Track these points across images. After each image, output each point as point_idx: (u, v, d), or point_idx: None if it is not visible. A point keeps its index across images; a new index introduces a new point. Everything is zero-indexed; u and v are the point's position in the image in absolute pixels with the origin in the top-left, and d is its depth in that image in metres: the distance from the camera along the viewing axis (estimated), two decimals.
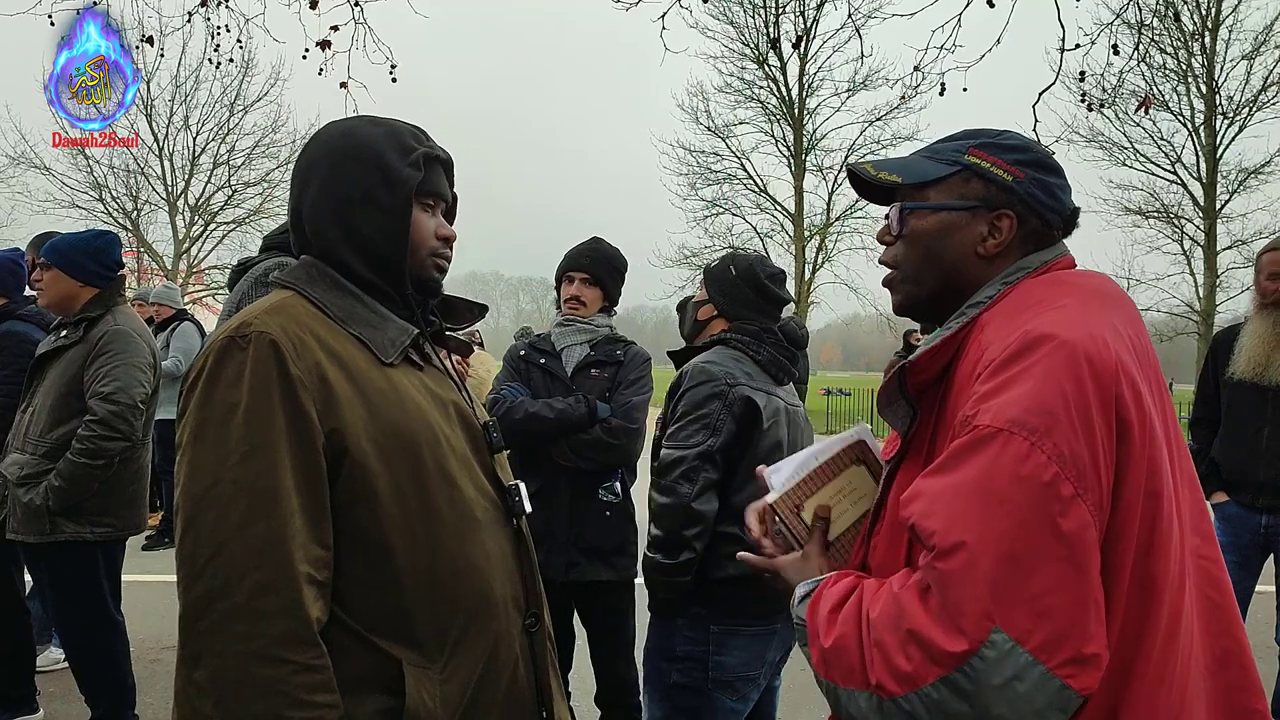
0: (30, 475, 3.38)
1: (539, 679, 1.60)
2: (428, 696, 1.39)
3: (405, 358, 1.53)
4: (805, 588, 1.35)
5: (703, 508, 2.45)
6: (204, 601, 1.28)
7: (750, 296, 2.76)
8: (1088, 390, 1.14)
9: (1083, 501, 1.10)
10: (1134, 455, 1.15)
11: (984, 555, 1.08)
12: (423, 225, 1.58)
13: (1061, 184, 1.41)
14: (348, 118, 1.62)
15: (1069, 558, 1.08)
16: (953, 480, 1.15)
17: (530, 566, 1.63)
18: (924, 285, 1.44)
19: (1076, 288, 1.31)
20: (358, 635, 1.38)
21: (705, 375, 2.53)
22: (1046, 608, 1.06)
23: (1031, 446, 1.10)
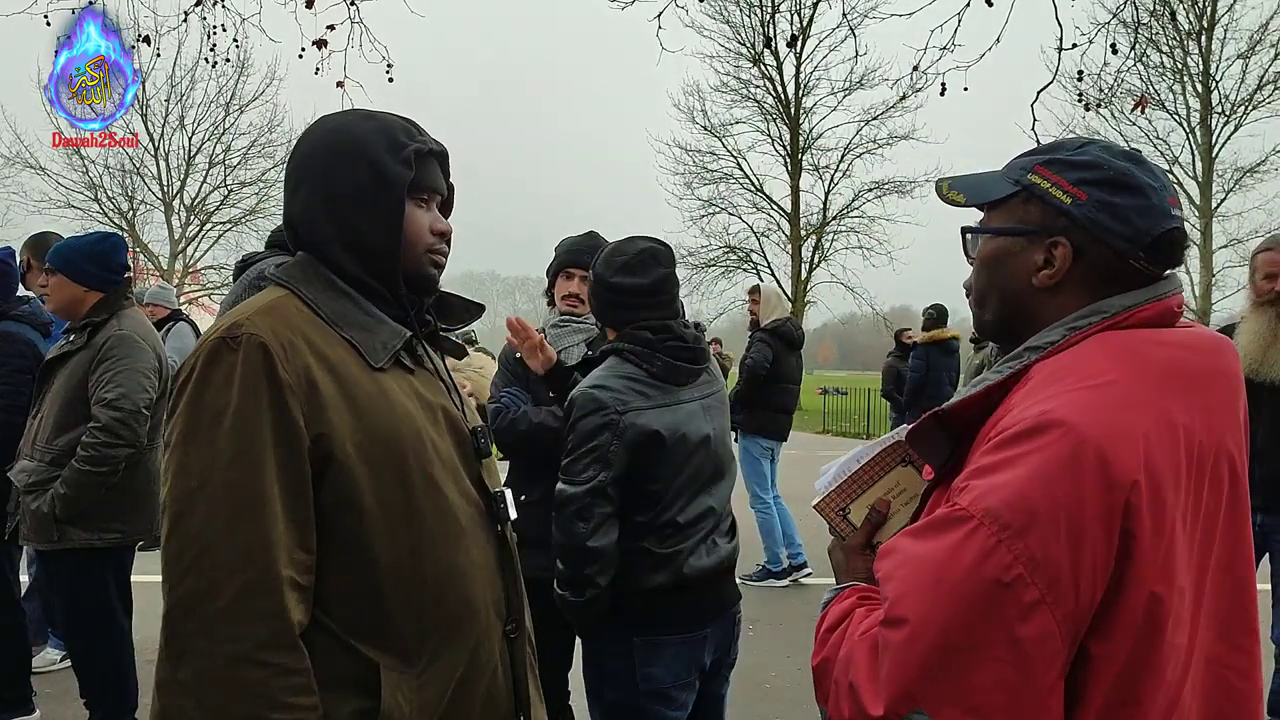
0: (38, 483, 3.36)
1: (518, 685, 1.61)
2: (404, 700, 1.40)
3: (396, 361, 1.53)
4: (827, 595, 1.34)
5: (599, 544, 2.36)
6: (188, 602, 1.29)
7: (611, 300, 2.56)
8: (1086, 494, 1.04)
9: (1049, 610, 1.03)
10: (1138, 570, 1.06)
11: (922, 638, 1.05)
12: (417, 221, 1.56)
13: (1139, 206, 1.21)
14: (340, 113, 1.61)
15: (1016, 663, 1.03)
16: (918, 552, 1.11)
17: (513, 573, 1.63)
18: (989, 313, 1.34)
19: (1140, 361, 1.16)
20: (338, 638, 1.39)
21: (594, 404, 2.38)
22: (979, 705, 1.03)
23: (999, 543, 1.04)
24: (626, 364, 2.48)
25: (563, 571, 2.40)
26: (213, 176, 27.35)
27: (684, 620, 2.47)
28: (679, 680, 2.47)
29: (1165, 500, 1.08)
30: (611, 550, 2.38)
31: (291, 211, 1.56)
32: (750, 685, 4.58)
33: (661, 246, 2.59)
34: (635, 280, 2.51)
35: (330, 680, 1.36)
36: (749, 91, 29.77)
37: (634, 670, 2.43)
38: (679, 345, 2.51)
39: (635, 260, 2.52)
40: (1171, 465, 1.10)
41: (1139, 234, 1.22)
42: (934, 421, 1.26)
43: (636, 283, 2.50)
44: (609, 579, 2.38)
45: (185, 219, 27.45)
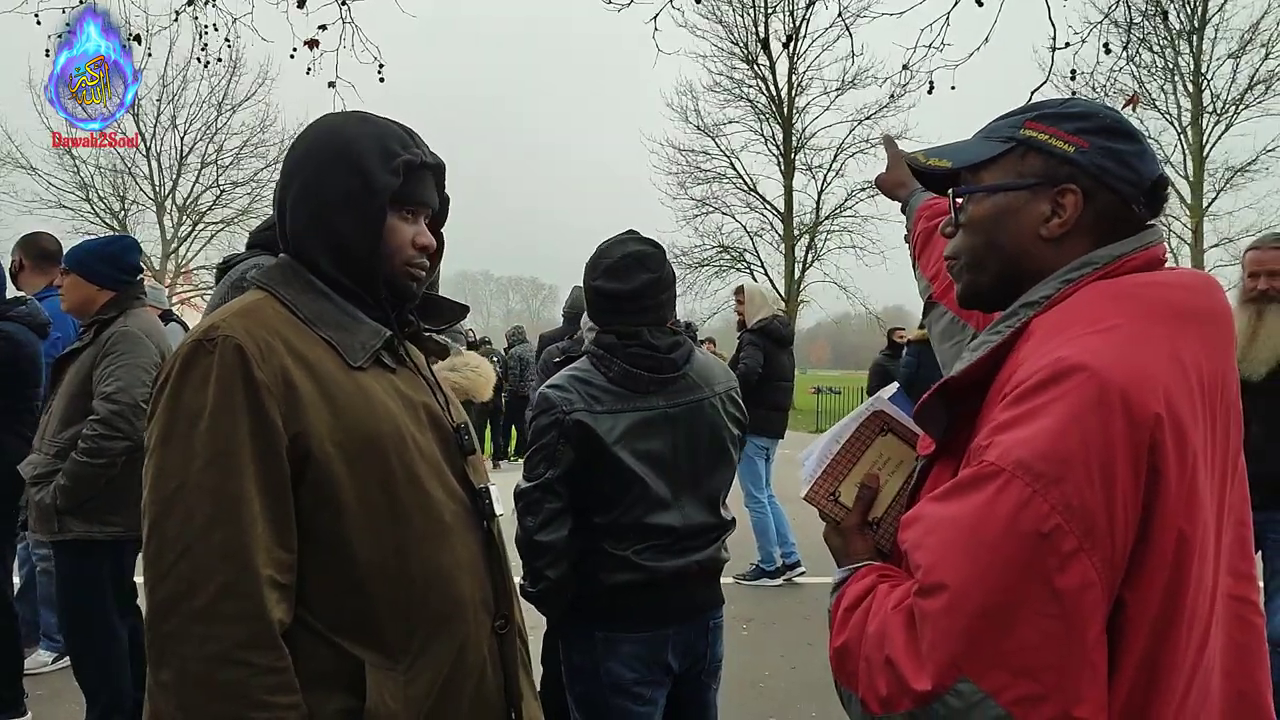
0: (42, 475, 3.46)
1: (509, 682, 1.61)
2: (389, 697, 1.41)
3: (376, 360, 1.53)
4: (838, 576, 1.32)
5: (548, 538, 2.41)
6: (169, 604, 1.30)
7: (594, 300, 2.58)
8: (1115, 437, 1.03)
9: (1088, 558, 1.01)
10: (1166, 510, 1.05)
11: (965, 602, 1.03)
12: (399, 233, 1.56)
13: (1137, 150, 1.23)
14: (339, 114, 1.61)
15: (1060, 615, 1.01)
16: (949, 514, 1.08)
17: (501, 569, 1.64)
18: (987, 273, 1.30)
19: (1141, 303, 1.16)
20: (321, 636, 1.39)
21: (545, 403, 2.46)
22: (1027, 664, 1.00)
23: (1034, 494, 1.02)
24: (591, 368, 2.52)
25: (523, 564, 2.46)
26: (205, 176, 27.29)
27: (644, 619, 2.48)
28: (641, 678, 2.49)
29: (1187, 435, 1.07)
30: (561, 545, 2.42)
31: (282, 207, 1.57)
32: (744, 684, 4.58)
33: (650, 249, 2.57)
34: (616, 285, 2.50)
35: (314, 679, 1.36)
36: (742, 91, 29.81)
37: (597, 665, 2.48)
38: (642, 353, 2.50)
39: (619, 264, 2.51)
40: (1187, 401, 1.09)
41: (1141, 178, 1.23)
42: (939, 396, 1.25)
43: (617, 288, 2.50)
44: (560, 573, 2.43)
45: (177, 219, 27.38)
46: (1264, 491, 3.77)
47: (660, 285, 2.56)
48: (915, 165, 1.37)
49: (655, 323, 2.55)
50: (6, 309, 4.04)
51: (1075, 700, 1.00)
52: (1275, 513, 3.83)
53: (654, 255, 2.56)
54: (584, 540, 2.47)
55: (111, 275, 3.66)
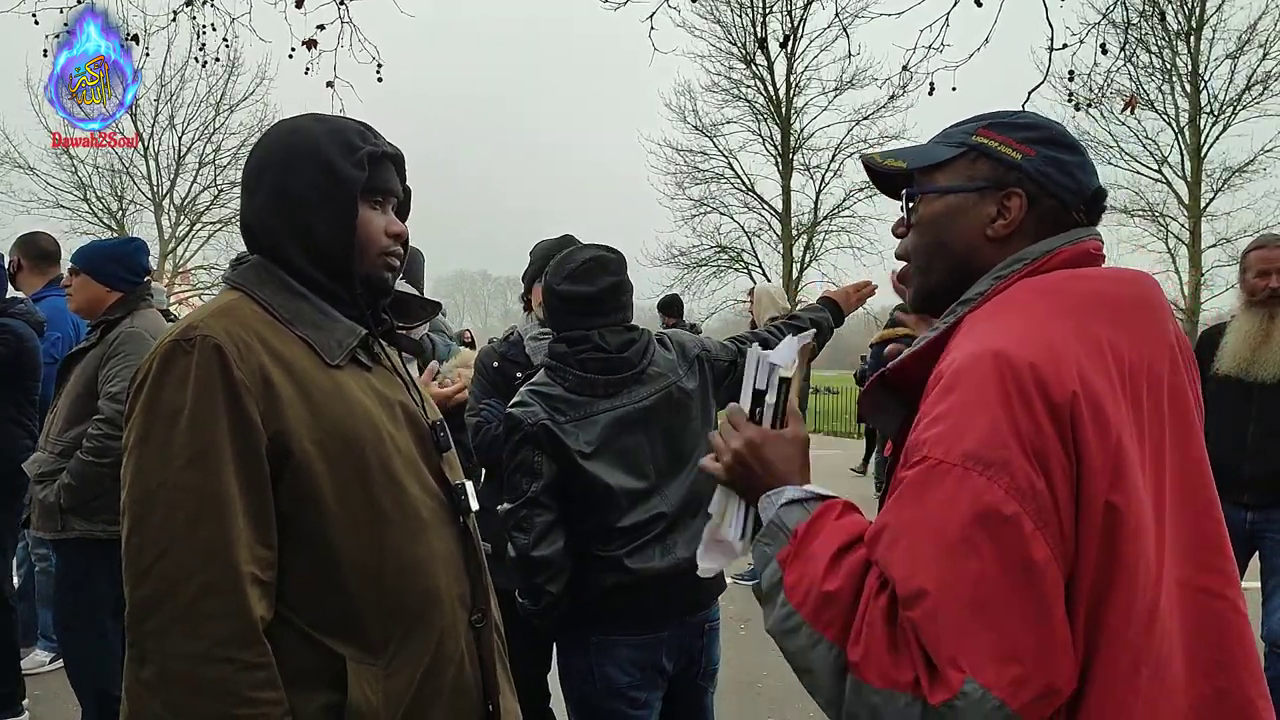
0: (47, 473, 3.48)
1: (486, 675, 1.62)
2: (370, 692, 1.42)
3: (352, 358, 1.55)
4: (797, 493, 1.29)
5: (544, 553, 2.40)
6: (150, 603, 1.31)
7: (558, 307, 2.56)
8: (1041, 418, 1.08)
9: (1044, 536, 1.06)
10: (1090, 482, 1.10)
11: (947, 603, 1.06)
12: (371, 223, 1.58)
13: (1079, 162, 1.33)
14: (295, 117, 1.62)
15: (1034, 597, 1.05)
16: (909, 518, 1.11)
17: (478, 564, 1.65)
18: (934, 275, 1.37)
19: (1061, 294, 1.22)
20: (302, 633, 1.41)
21: (512, 421, 2.47)
22: (1014, 651, 1.04)
23: (989, 482, 1.07)
24: (547, 380, 2.52)
25: (520, 581, 2.45)
26: (203, 176, 27.20)
27: (636, 621, 2.48)
28: (635, 681, 2.48)
29: (1105, 411, 1.12)
30: (558, 557, 2.41)
31: (247, 213, 1.58)
32: (741, 685, 4.58)
33: (611, 254, 2.59)
34: (581, 288, 2.51)
35: (297, 675, 1.38)
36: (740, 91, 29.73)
37: (591, 668, 2.48)
38: (593, 357, 2.49)
39: (581, 269, 2.52)
40: (1105, 381, 1.14)
41: (1082, 187, 1.32)
42: (881, 385, 1.31)
43: (582, 291, 2.51)
44: (561, 585, 2.42)
45: (175, 219, 27.32)
46: (1264, 491, 3.79)
47: (622, 288, 2.58)
48: (872, 165, 1.43)
49: (615, 324, 2.55)
50: (6, 307, 4.06)
51: (1055, 674, 1.05)
52: (1275, 512, 3.83)
53: (616, 259, 2.59)
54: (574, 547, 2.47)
55: (122, 276, 3.71)
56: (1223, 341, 3.91)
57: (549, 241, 3.30)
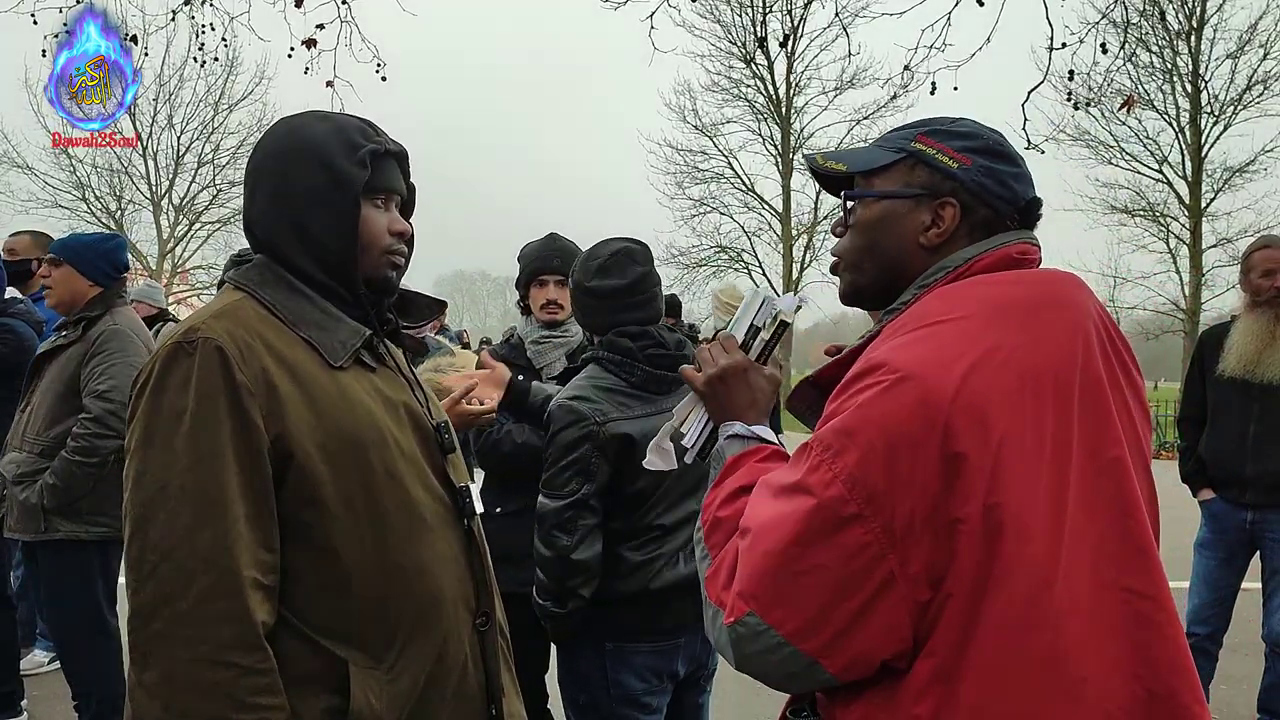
0: (27, 473, 3.40)
1: (489, 677, 1.61)
2: (373, 697, 1.41)
3: (356, 359, 1.53)
4: (743, 430, 1.43)
5: (584, 556, 2.33)
6: (151, 606, 1.30)
7: (592, 304, 2.53)
8: (904, 419, 1.13)
9: (864, 523, 1.13)
10: (967, 485, 1.12)
11: (757, 546, 1.18)
12: (374, 223, 1.56)
13: (1015, 172, 1.34)
14: (295, 115, 1.61)
15: (835, 569, 1.13)
16: (772, 477, 1.25)
17: (482, 566, 1.64)
18: (865, 274, 1.41)
19: (965, 301, 1.24)
20: (305, 637, 1.40)
21: (574, 415, 2.36)
22: (803, 603, 1.14)
23: (822, 462, 1.16)
24: (607, 374, 2.45)
25: (545, 583, 2.38)
26: (201, 176, 27.24)
27: (656, 629, 2.45)
28: (650, 688, 2.45)
29: (989, 416, 1.14)
30: (595, 562, 2.36)
31: (250, 213, 1.56)
32: (744, 685, 4.56)
33: (637, 245, 2.56)
34: (613, 282, 2.47)
35: (299, 679, 1.37)
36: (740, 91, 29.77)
37: (605, 676, 2.43)
38: (660, 353, 2.46)
39: (611, 261, 2.49)
40: (995, 384, 1.16)
41: (1016, 197, 1.34)
42: (808, 387, 1.40)
43: (615, 284, 2.47)
44: (592, 590, 2.36)
45: (174, 219, 27.33)
46: (1265, 491, 3.79)
47: (653, 278, 2.56)
48: (814, 166, 1.46)
49: (653, 318, 2.54)
50: (6, 307, 4.04)
51: (835, 651, 1.15)
52: (1275, 512, 3.83)
53: (641, 250, 2.56)
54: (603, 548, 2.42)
55: (105, 271, 3.64)
56: (1228, 342, 3.90)
57: (535, 243, 3.25)
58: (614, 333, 2.48)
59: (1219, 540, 3.93)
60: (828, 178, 1.47)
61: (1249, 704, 3.83)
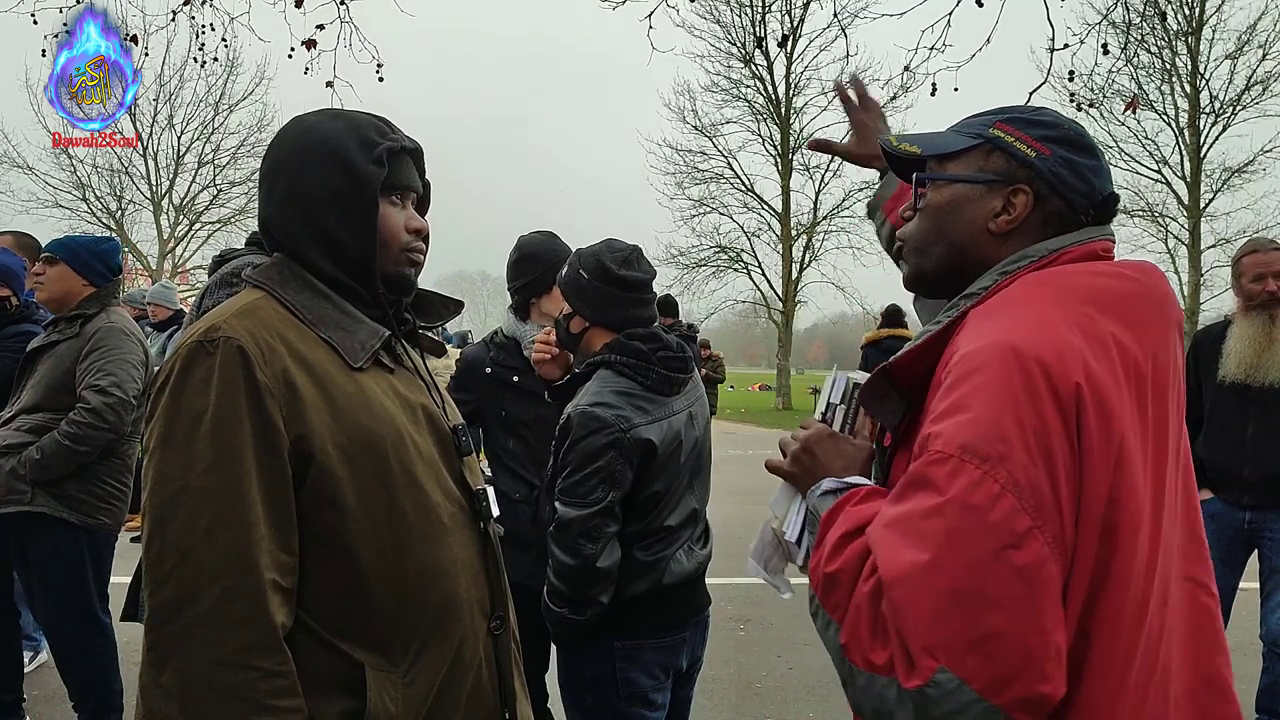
0: (12, 445, 3.40)
1: (503, 681, 1.61)
2: (390, 700, 1.40)
3: (375, 360, 1.52)
4: (832, 484, 1.31)
5: (606, 564, 2.32)
6: (170, 607, 1.29)
7: (613, 294, 2.48)
8: (1046, 412, 1.07)
9: (1040, 534, 1.04)
10: (1093, 476, 1.08)
11: (928, 591, 1.04)
12: (392, 220, 1.55)
13: (1094, 165, 1.30)
14: (310, 113, 1.59)
15: (1024, 595, 1.02)
16: (905, 509, 1.10)
17: (497, 570, 1.63)
18: (930, 258, 1.36)
19: (1065, 289, 1.20)
20: (322, 639, 1.39)
21: (598, 422, 2.32)
22: (996, 649, 1.01)
23: (984, 475, 1.04)
24: (620, 377, 2.42)
25: (564, 591, 2.36)
26: (201, 176, 27.32)
27: (663, 625, 2.46)
28: (657, 684, 2.47)
29: (1110, 404, 1.11)
30: (615, 569, 2.36)
31: (266, 213, 1.55)
32: (740, 685, 4.58)
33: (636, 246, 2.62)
34: (638, 274, 2.49)
35: (316, 681, 1.36)
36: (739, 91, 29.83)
37: (614, 675, 2.43)
38: (668, 355, 2.46)
39: (632, 254, 2.52)
40: (1110, 375, 1.13)
41: (1093, 191, 1.30)
42: (883, 378, 1.29)
43: (641, 276, 2.50)
44: (609, 597, 2.36)
45: (174, 219, 27.36)
46: (1263, 491, 3.80)
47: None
48: (886, 147, 1.42)
49: (654, 319, 2.56)
50: (32, 312, 4.03)
51: (1038, 679, 1.02)
52: (1273, 513, 3.83)
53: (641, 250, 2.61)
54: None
55: (99, 271, 3.68)
56: (1225, 347, 3.90)
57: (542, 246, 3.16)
58: (624, 335, 2.48)
59: (1217, 540, 3.93)
60: (901, 162, 1.44)
61: (1247, 704, 3.84)
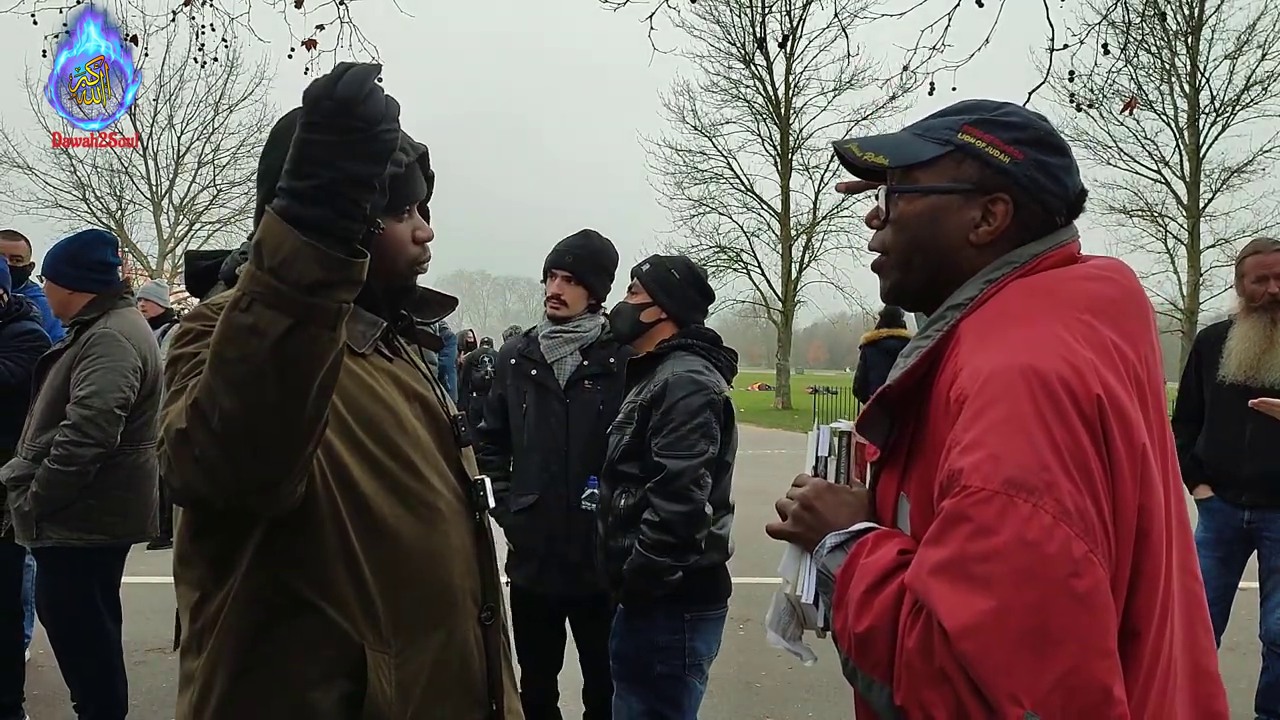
0: (20, 478, 3.37)
1: (491, 671, 1.61)
2: (385, 683, 1.41)
3: (375, 349, 1.54)
4: (837, 538, 1.26)
5: (708, 510, 2.60)
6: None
7: (696, 298, 2.88)
8: (1078, 431, 1.04)
9: (1095, 557, 1.01)
10: (1123, 488, 1.07)
11: (1001, 637, 0.99)
12: (398, 235, 1.54)
13: (1065, 164, 1.28)
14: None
15: (1089, 623, 0.99)
16: (953, 552, 1.04)
17: (490, 561, 1.64)
18: (912, 273, 1.33)
19: (1059, 299, 1.19)
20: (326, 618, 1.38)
21: (695, 385, 2.64)
22: (1075, 683, 0.98)
23: (1034, 509, 1.01)
24: (698, 357, 2.75)
25: (669, 541, 2.57)
26: (201, 176, 27.33)
27: (723, 594, 2.75)
28: (711, 655, 2.72)
29: (1128, 415, 1.09)
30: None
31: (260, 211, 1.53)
32: (739, 684, 4.58)
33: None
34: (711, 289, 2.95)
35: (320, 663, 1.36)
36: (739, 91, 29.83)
37: (684, 644, 2.66)
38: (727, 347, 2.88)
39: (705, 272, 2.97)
40: (1119, 382, 1.11)
41: (1067, 191, 1.28)
42: (878, 406, 1.26)
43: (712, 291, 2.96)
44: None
45: (174, 219, 27.36)
46: (1262, 490, 3.80)
47: None
48: (850, 158, 1.37)
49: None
50: (29, 309, 4.01)
51: (1114, 701, 0.99)
52: (1272, 512, 3.84)
53: None
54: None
55: (76, 275, 3.55)
56: (1226, 348, 3.91)
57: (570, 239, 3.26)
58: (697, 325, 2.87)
59: (1216, 539, 3.94)
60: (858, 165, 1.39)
61: (1246, 704, 3.84)
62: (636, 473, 2.68)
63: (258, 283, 1.11)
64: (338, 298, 1.13)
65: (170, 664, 4.56)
